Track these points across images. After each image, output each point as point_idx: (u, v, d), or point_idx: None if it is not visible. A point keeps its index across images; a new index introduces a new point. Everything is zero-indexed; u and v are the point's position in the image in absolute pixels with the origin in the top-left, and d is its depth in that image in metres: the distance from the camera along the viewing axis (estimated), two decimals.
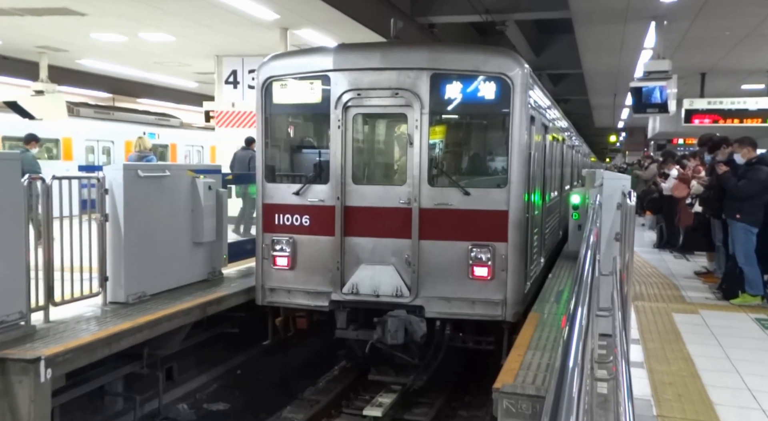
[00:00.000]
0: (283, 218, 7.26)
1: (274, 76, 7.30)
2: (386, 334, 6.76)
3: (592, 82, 21.37)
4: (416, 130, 6.83)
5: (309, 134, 7.91)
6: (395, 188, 7.00)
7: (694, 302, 8.02)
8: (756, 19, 11.49)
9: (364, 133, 7.41)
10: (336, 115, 6.99)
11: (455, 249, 6.81)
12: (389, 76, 6.85)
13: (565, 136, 13.04)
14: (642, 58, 14.52)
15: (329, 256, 7.11)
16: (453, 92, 6.83)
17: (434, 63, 6.82)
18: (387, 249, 6.97)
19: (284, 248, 7.26)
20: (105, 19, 12.96)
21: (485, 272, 6.78)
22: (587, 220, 5.88)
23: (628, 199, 5.77)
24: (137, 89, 24.55)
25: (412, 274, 6.91)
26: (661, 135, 27.92)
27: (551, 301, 7.70)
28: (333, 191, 7.05)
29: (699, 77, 17.27)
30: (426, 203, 6.85)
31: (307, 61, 7.24)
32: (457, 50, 7.22)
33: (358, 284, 7.03)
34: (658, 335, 6.42)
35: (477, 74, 6.76)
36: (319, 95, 7.13)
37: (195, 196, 7.97)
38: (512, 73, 6.69)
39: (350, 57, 7.05)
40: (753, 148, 7.98)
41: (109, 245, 6.80)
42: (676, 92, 11.96)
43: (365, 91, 6.93)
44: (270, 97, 7.35)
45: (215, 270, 8.49)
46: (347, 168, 7.04)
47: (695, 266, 10.54)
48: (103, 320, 6.34)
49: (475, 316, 6.91)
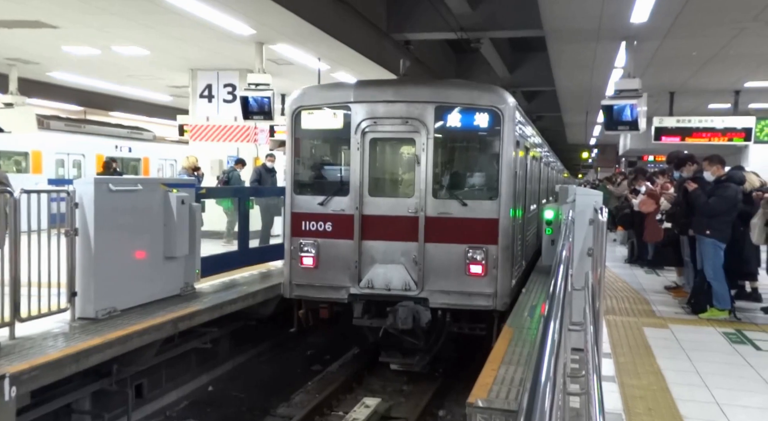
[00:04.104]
0: (309, 225, 8.54)
1: (303, 106, 8.68)
2: (397, 320, 7.97)
3: (565, 100, 21.67)
4: (423, 151, 8.20)
5: (332, 154, 9.37)
6: (405, 200, 8.32)
7: (664, 316, 8.12)
8: (721, 40, 11.78)
9: (379, 154, 8.75)
10: (356, 139, 8.36)
11: (455, 250, 8.12)
12: (400, 108, 8.26)
13: (542, 154, 14.36)
14: (613, 76, 14.77)
15: (348, 256, 8.36)
16: (453, 121, 8.28)
17: (438, 97, 8.25)
18: (397, 250, 8.26)
19: (310, 249, 8.50)
20: (77, 31, 12.80)
21: (480, 270, 8.08)
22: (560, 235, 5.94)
23: (600, 214, 5.84)
24: (109, 102, 24.25)
25: (419, 271, 8.17)
26: (632, 152, 28.39)
27: (525, 316, 7.77)
28: (352, 202, 8.36)
29: (668, 96, 17.59)
30: (430, 212, 8.17)
31: (331, 94, 8.69)
32: (457, 87, 8.68)
33: (372, 279, 8.29)
34: (629, 349, 6.49)
35: (473, 107, 8.20)
36: (341, 122, 8.53)
37: (167, 211, 7.88)
38: (502, 106, 8.13)
39: (368, 91, 8.50)
40: (722, 165, 8.15)
41: (79, 260, 6.68)
42: (646, 110, 12.15)
43: (380, 119, 8.32)
44: (299, 124, 8.71)
45: (188, 285, 8.39)
46: (365, 183, 8.37)
47: (665, 280, 10.68)
48: (71, 336, 6.21)
49: (471, 306, 8.15)
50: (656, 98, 17.48)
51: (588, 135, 32.74)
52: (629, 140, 26.78)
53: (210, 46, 13.70)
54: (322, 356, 10.44)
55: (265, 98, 13.12)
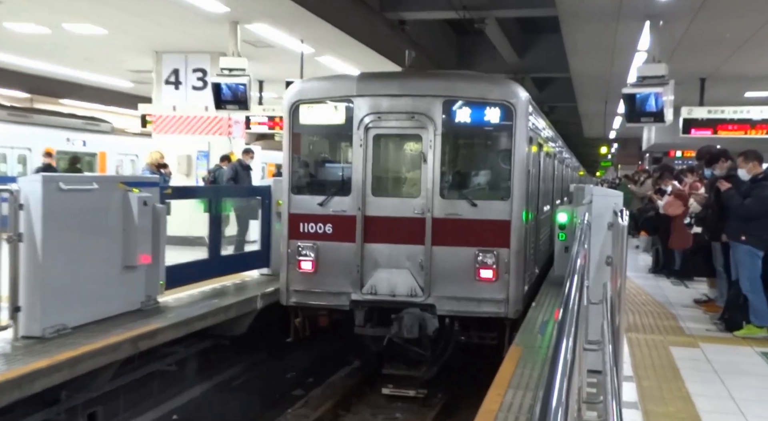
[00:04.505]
0: (308, 227, 9.03)
1: (302, 100, 9.14)
2: (403, 329, 8.42)
3: (580, 88, 21.76)
4: (430, 149, 8.66)
5: (332, 151, 9.87)
6: (410, 200, 8.82)
7: (694, 333, 8.15)
8: (758, 19, 11.84)
9: (383, 151, 9.19)
10: (358, 135, 8.83)
11: (463, 254, 8.61)
12: (406, 102, 8.75)
13: (557, 150, 14.93)
14: (636, 61, 14.85)
15: (350, 260, 8.85)
16: (462, 116, 8.76)
17: (446, 91, 8.74)
18: (402, 254, 8.75)
19: (308, 253, 8.98)
20: (21, 6, 12.74)
21: (490, 275, 8.55)
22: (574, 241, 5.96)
23: (620, 218, 5.85)
24: (61, 89, 24.17)
25: (425, 276, 8.67)
26: (657, 147, 28.47)
27: (535, 333, 7.76)
28: (354, 202, 8.85)
29: (698, 83, 17.67)
30: (438, 213, 8.65)
31: (333, 87, 9.17)
32: (466, 80, 9.19)
33: (376, 285, 8.78)
34: (654, 372, 6.50)
35: (484, 101, 8.68)
36: (343, 117, 9.01)
37: (127, 213, 7.84)
38: (514, 100, 8.62)
39: (371, 84, 9.00)
40: (759, 162, 8.17)
41: (23, 270, 6.64)
42: (672, 100, 12.21)
43: (384, 114, 8.80)
44: (297, 118, 9.19)
45: (150, 298, 8.35)
46: (368, 182, 8.84)
47: (695, 293, 10.73)
48: (12, 357, 6.16)
49: (481, 313, 8.64)
50: (685, 86, 17.53)
51: (607, 128, 32.86)
52: (654, 134, 26.87)
53: (177, 26, 13.68)
54: (306, 378, 10.42)
55: (241, 85, 13.12)
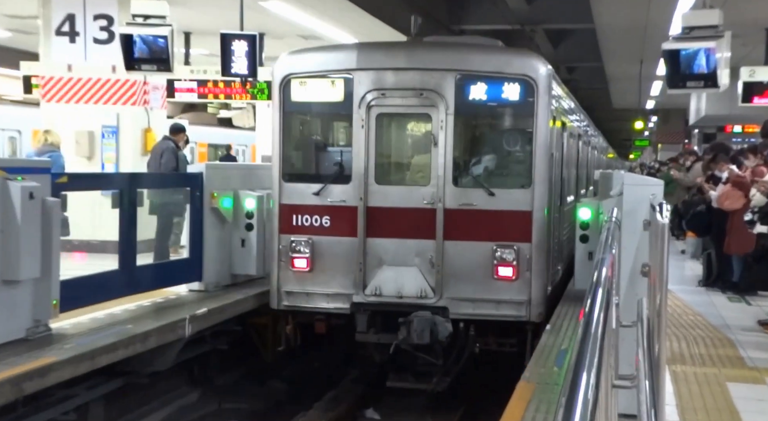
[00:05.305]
0: (302, 219, 9.89)
1: (293, 74, 9.97)
2: (412, 334, 9.19)
3: (607, 43, 21.90)
4: (441, 130, 9.55)
5: (329, 133, 10.95)
6: (419, 189, 9.74)
7: (759, 366, 8.20)
8: None
9: (388, 133, 10.12)
10: (359, 114, 9.70)
11: (479, 250, 9.54)
12: (413, 77, 9.62)
13: (581, 131, 16.21)
14: (680, 6, 14.93)
15: (351, 257, 9.74)
16: (477, 93, 9.60)
17: (458, 64, 9.66)
18: (410, 250, 9.64)
19: (303, 249, 9.85)
20: None
21: (510, 272, 9.44)
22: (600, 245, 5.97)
23: (660, 214, 5.86)
24: None
25: (436, 275, 9.57)
26: (709, 120, 28.78)
27: (550, 364, 7.78)
28: (355, 191, 9.74)
29: (763, 35, 17.81)
30: (450, 204, 9.56)
31: (329, 59, 10.08)
32: (482, 51, 10.16)
33: (380, 285, 9.65)
34: (707, 415, 6.53)
35: (501, 76, 9.57)
36: (341, 94, 9.87)
37: (7, 208, 7.74)
38: (536, 74, 9.50)
39: (374, 56, 9.88)
40: None
41: None
42: (729, 57, 12.25)
43: (389, 90, 9.67)
44: (288, 95, 10.03)
45: (39, 324, 8.26)
46: (370, 168, 9.70)
47: (759, 312, 10.83)
48: None
49: (500, 317, 9.56)
50: (745, 39, 17.68)
51: (643, 96, 33.11)
52: (704, 103, 27.12)
53: None
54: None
55: (160, 38, 12.90)
